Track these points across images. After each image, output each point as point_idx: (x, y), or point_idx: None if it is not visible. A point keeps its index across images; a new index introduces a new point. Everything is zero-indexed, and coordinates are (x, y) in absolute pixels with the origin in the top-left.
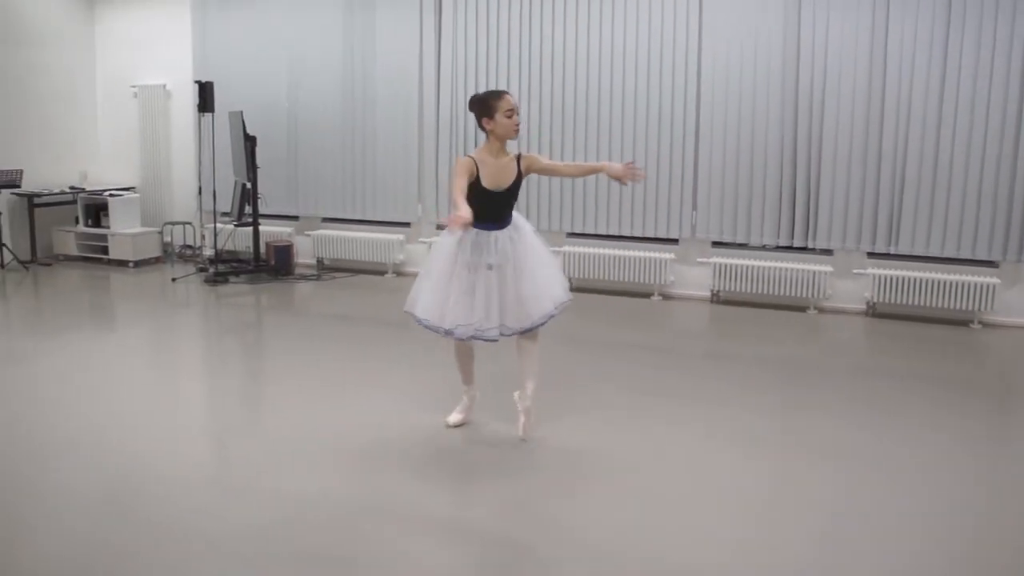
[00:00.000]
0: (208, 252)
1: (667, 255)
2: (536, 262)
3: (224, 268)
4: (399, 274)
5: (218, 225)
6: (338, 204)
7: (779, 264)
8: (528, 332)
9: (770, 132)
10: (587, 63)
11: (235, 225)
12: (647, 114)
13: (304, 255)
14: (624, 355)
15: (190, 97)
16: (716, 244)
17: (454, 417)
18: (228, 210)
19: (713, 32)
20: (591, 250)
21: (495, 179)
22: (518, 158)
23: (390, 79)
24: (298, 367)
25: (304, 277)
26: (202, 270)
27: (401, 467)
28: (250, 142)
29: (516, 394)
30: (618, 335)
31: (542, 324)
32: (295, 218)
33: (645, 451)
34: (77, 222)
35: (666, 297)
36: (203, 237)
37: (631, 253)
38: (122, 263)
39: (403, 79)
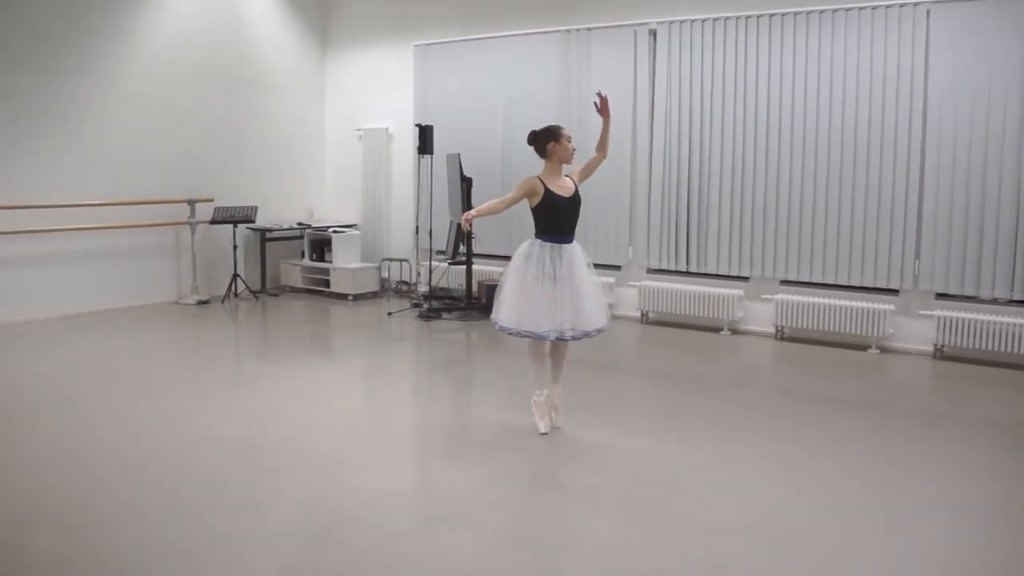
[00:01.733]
0: (423, 288)
1: (886, 306)
2: (591, 284)
3: (437, 304)
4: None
5: (433, 263)
6: None
7: (1009, 319)
8: (572, 340)
9: (1004, 179)
10: (804, 104)
11: (449, 263)
12: (867, 156)
13: None
14: (839, 412)
15: (411, 140)
16: (940, 296)
17: (542, 425)
18: (443, 248)
19: (940, 74)
20: (805, 299)
21: (562, 190)
22: (570, 176)
23: None
24: (506, 405)
25: None
26: (416, 305)
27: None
28: (466, 183)
29: (545, 392)
30: (830, 389)
31: (588, 336)
32: (507, 258)
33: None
34: (303, 256)
35: (884, 350)
36: (418, 274)
37: (847, 303)
38: (342, 296)
39: (616, 119)
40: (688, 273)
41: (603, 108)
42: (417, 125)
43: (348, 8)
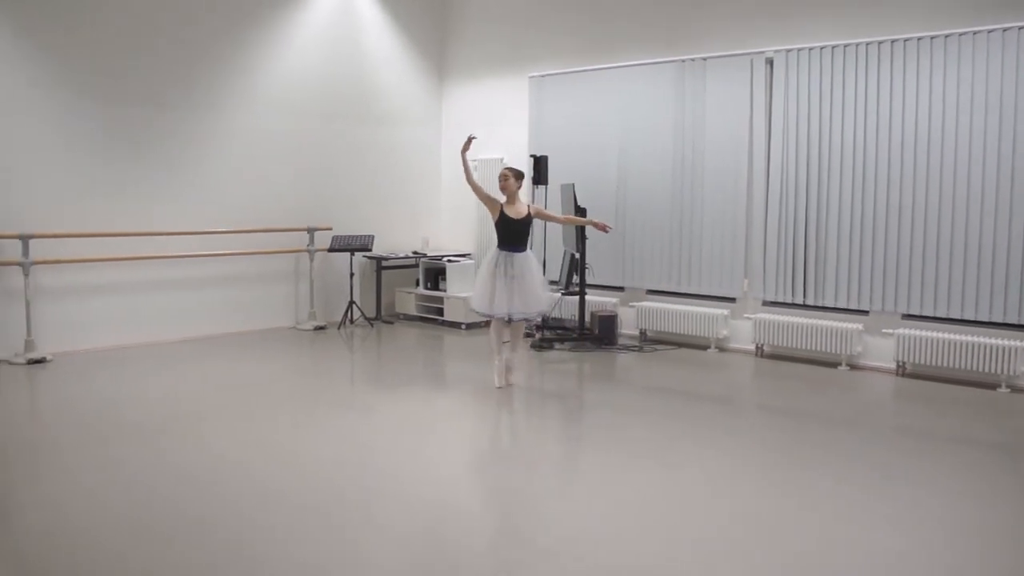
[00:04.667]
0: (536, 318)
1: (1017, 343)
2: (536, 283)
3: (550, 335)
4: (722, 349)
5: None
6: (663, 276)
7: None
8: (523, 320)
9: None
10: (928, 133)
11: (563, 294)
12: (997, 186)
13: (627, 326)
14: (964, 456)
15: (526, 170)
16: None
17: (498, 380)
18: (557, 279)
19: None
20: (930, 333)
21: (515, 213)
22: (529, 205)
23: (719, 149)
24: (613, 438)
25: (627, 348)
26: (529, 335)
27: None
28: (581, 213)
29: (503, 357)
30: (954, 428)
31: (533, 318)
32: (620, 289)
33: None
34: (417, 284)
35: (1015, 390)
36: None
37: (974, 339)
38: (455, 325)
39: (733, 149)
40: (805, 306)
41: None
42: (532, 155)
43: (465, 42)
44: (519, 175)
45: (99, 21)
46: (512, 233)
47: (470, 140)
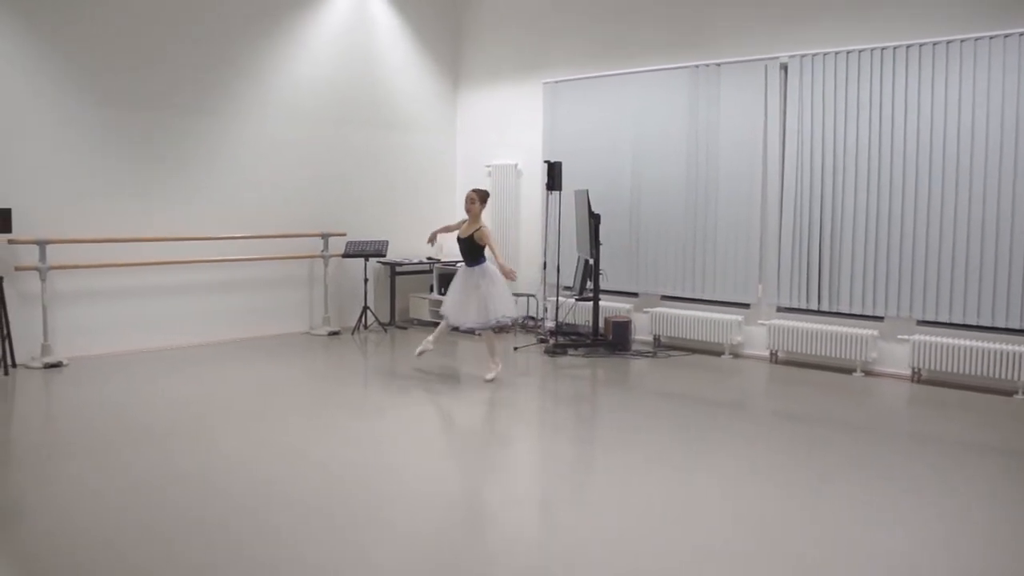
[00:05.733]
0: (549, 324)
1: None
2: (497, 294)
3: (564, 340)
4: (736, 355)
5: (560, 298)
6: (677, 282)
7: None
8: (490, 329)
9: None
10: (943, 138)
11: (576, 299)
12: (1013, 190)
13: (641, 331)
14: (981, 463)
15: (539, 176)
16: None
17: (422, 346)
18: (571, 284)
19: None
20: (946, 340)
21: (463, 233)
22: (481, 227)
23: (733, 155)
24: (626, 443)
25: (640, 354)
26: (543, 341)
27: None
28: (594, 219)
29: (490, 362)
30: (971, 436)
31: (495, 326)
32: (634, 295)
33: None
34: (431, 290)
35: None
36: (545, 309)
37: (991, 345)
38: (468, 330)
39: (747, 155)
40: (820, 312)
41: (492, 252)
42: (546, 161)
43: (479, 48)
44: (484, 198)
45: (114, 27)
46: (464, 251)
47: (432, 239)
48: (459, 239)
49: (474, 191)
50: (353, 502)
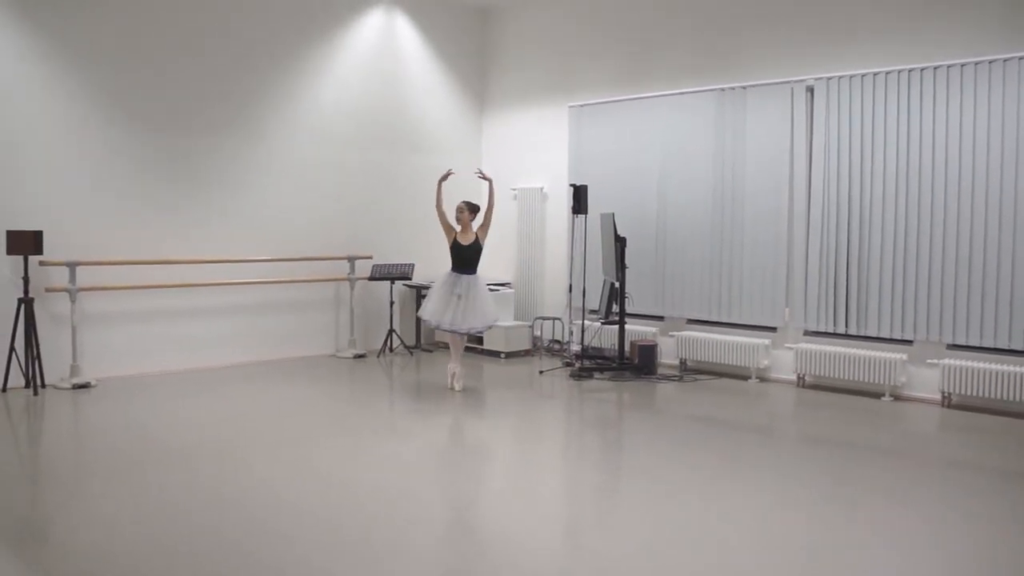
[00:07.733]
0: (575, 347)
1: None
2: (481, 302)
3: (589, 364)
4: (763, 380)
5: (586, 322)
6: (703, 306)
7: None
8: (467, 334)
9: None
10: (973, 160)
11: (602, 323)
12: None
13: (667, 355)
14: (1014, 489)
15: (565, 199)
16: None
17: (457, 385)
18: (596, 308)
19: None
20: (976, 364)
21: (465, 240)
22: (476, 231)
23: (760, 178)
24: (652, 467)
25: (666, 377)
26: (568, 364)
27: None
28: (620, 243)
29: (450, 366)
30: (1008, 461)
31: (477, 331)
32: (660, 318)
33: None
34: None
35: None
36: (571, 333)
37: (1021, 370)
38: (494, 353)
39: (773, 178)
40: (848, 336)
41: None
42: (571, 185)
43: (504, 71)
44: (473, 209)
45: (145, 52)
46: (462, 258)
47: (449, 173)
48: (461, 247)
49: (465, 203)
50: (377, 526)
